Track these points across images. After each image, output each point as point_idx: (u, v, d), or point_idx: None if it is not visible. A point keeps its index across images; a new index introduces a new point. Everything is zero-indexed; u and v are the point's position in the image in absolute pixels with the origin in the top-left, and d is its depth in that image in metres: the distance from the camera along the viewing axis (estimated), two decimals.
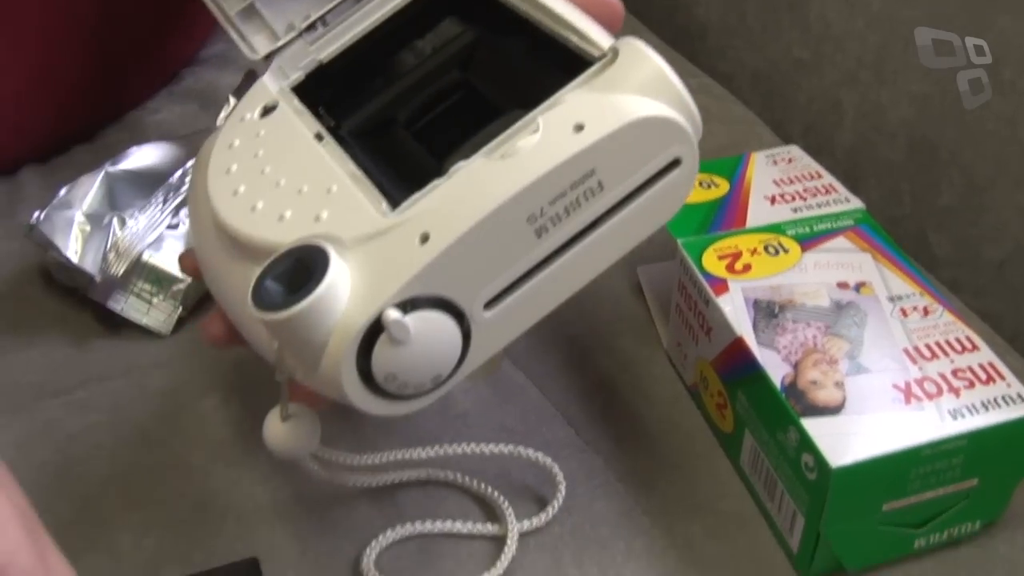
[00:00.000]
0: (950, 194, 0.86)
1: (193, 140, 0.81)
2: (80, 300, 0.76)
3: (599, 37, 0.52)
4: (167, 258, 0.74)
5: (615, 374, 0.73)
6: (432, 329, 0.48)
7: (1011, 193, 0.82)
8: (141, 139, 0.83)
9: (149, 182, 0.77)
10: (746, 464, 0.66)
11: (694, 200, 0.73)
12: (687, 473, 0.68)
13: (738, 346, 0.64)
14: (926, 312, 0.66)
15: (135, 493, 0.65)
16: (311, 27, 0.61)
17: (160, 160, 0.80)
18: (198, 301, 0.76)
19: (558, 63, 0.53)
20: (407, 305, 0.47)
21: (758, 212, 0.72)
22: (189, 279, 0.74)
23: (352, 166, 0.52)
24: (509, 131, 0.50)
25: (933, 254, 0.88)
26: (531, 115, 0.50)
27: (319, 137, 0.54)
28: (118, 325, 0.75)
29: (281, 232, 0.50)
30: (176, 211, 0.76)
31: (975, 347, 0.64)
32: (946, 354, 0.63)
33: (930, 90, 0.86)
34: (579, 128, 0.48)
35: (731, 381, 0.66)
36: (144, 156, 0.80)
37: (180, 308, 0.74)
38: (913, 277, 0.68)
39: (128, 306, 0.74)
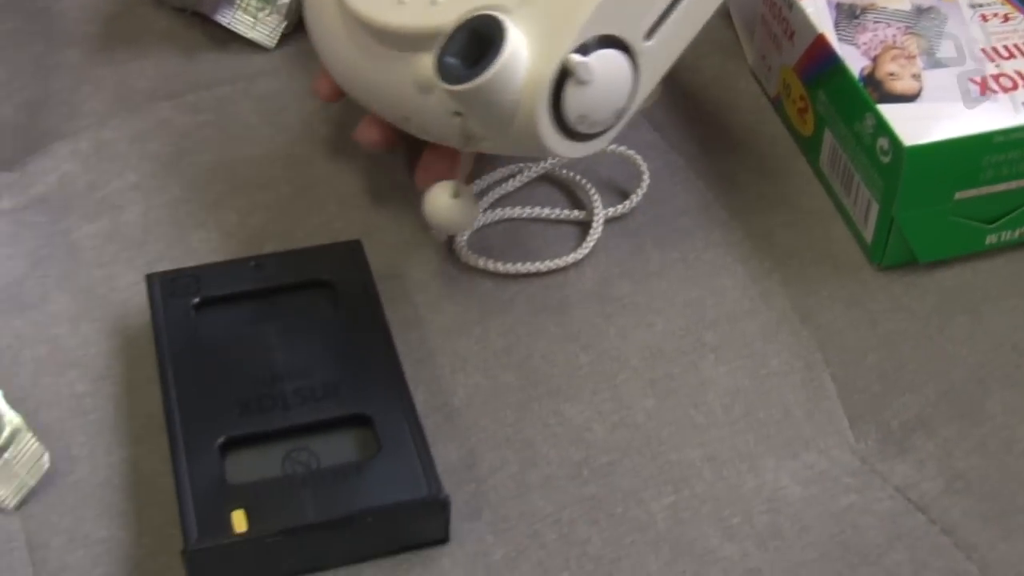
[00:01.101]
0: None
1: None
2: (190, 19, 0.79)
3: None
4: None
5: (700, 88, 0.76)
6: (609, 65, 0.52)
7: None
8: None
9: None
10: (825, 164, 0.68)
11: None
12: (767, 174, 0.70)
13: (819, 43, 0.66)
14: (1006, 19, 0.67)
15: (241, 178, 0.69)
16: None
17: None
18: (302, 14, 0.79)
19: None
20: (583, 49, 0.51)
21: None
22: None
23: None
24: None
25: None
26: None
27: None
28: (225, 39, 0.78)
29: (439, 14, 0.54)
30: None
31: None
32: (1023, 55, 0.65)
33: None
34: None
35: (812, 81, 0.68)
36: None
37: (285, 22, 0.77)
38: None
39: (235, 19, 0.77)
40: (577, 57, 0.51)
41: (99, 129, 0.72)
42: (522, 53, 0.51)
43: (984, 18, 0.67)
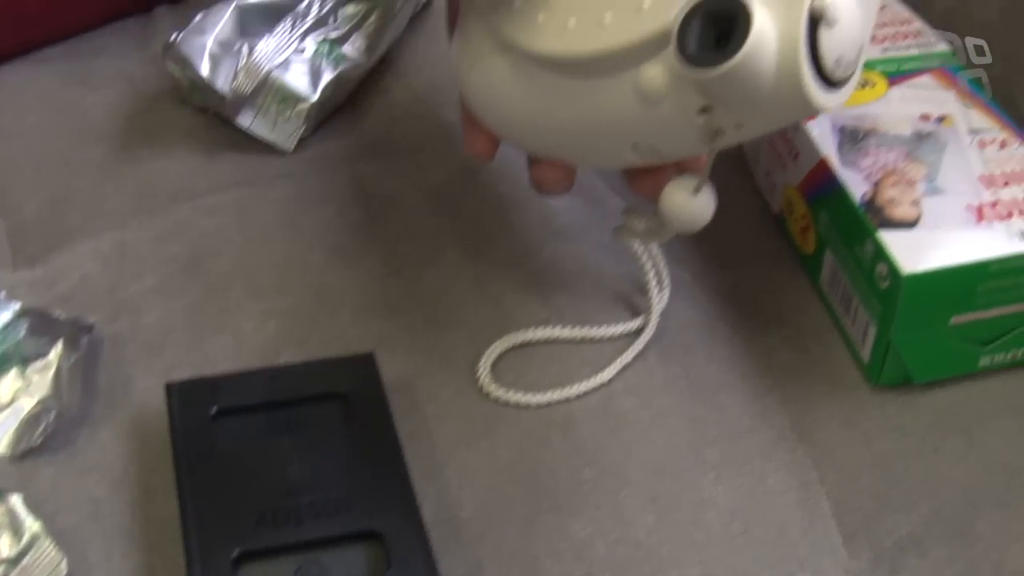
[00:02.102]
0: None
1: None
2: (211, 119, 0.82)
3: None
4: (294, 78, 0.79)
5: None
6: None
7: None
8: None
9: (275, 14, 0.82)
10: (825, 283, 0.70)
11: None
12: (770, 291, 0.72)
13: (822, 167, 0.69)
14: (1003, 145, 0.69)
15: (258, 283, 0.71)
16: None
17: None
18: (320, 121, 0.81)
19: None
20: None
21: None
22: (314, 98, 0.79)
23: None
24: None
25: (1020, 112, 0.91)
26: None
27: None
28: (246, 140, 0.80)
29: (652, 18, 0.52)
30: (303, 37, 0.81)
31: None
32: (1019, 183, 0.67)
33: None
34: None
35: (815, 202, 0.70)
36: None
37: (304, 126, 0.80)
38: (994, 114, 0.71)
39: (256, 123, 0.79)
40: None
41: (121, 229, 0.74)
42: (767, 15, 0.48)
43: (982, 144, 0.69)
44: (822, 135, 0.70)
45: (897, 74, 0.74)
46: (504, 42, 0.59)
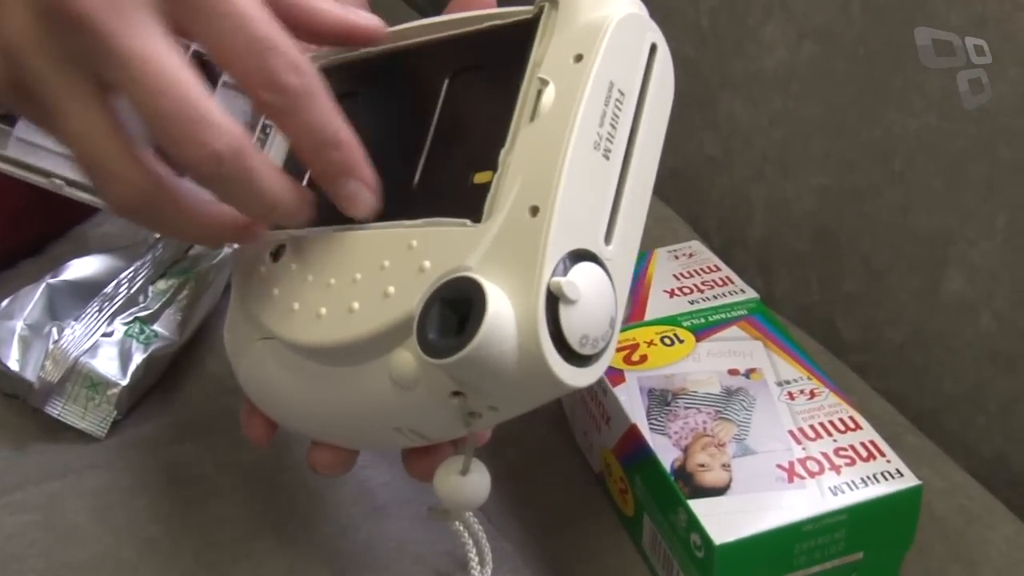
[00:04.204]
0: (853, 281, 0.91)
1: (129, 251, 0.85)
2: (21, 406, 0.79)
3: (515, 9, 0.58)
4: (102, 363, 0.78)
5: (527, 462, 0.77)
6: (589, 277, 0.50)
7: (906, 278, 0.87)
8: (84, 251, 0.87)
9: (87, 292, 0.81)
10: (647, 546, 0.70)
11: None
12: (594, 556, 0.71)
13: (633, 433, 0.68)
14: (812, 395, 0.70)
15: None
16: None
17: (98, 271, 0.84)
18: (132, 405, 0.80)
19: (510, 41, 0.57)
20: (557, 271, 0.49)
21: (657, 305, 0.77)
22: (124, 383, 0.77)
23: (409, 221, 0.55)
24: (519, 106, 0.54)
25: (841, 339, 0.92)
26: (525, 83, 0.54)
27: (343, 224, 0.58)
28: (57, 428, 0.78)
29: (393, 306, 0.53)
30: (111, 319, 0.79)
31: (858, 426, 0.68)
32: (829, 434, 0.67)
33: (829, 182, 0.90)
34: (579, 58, 0.53)
35: (629, 467, 0.70)
36: (83, 267, 0.84)
37: (115, 411, 0.78)
38: (801, 362, 0.72)
39: (65, 411, 0.77)
40: (561, 279, 0.49)
41: None
42: (504, 298, 0.49)
43: (791, 396, 0.70)
44: (631, 399, 0.70)
45: (705, 327, 0.74)
46: (264, 331, 0.60)
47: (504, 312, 0.49)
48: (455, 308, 0.50)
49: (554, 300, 0.49)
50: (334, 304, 0.56)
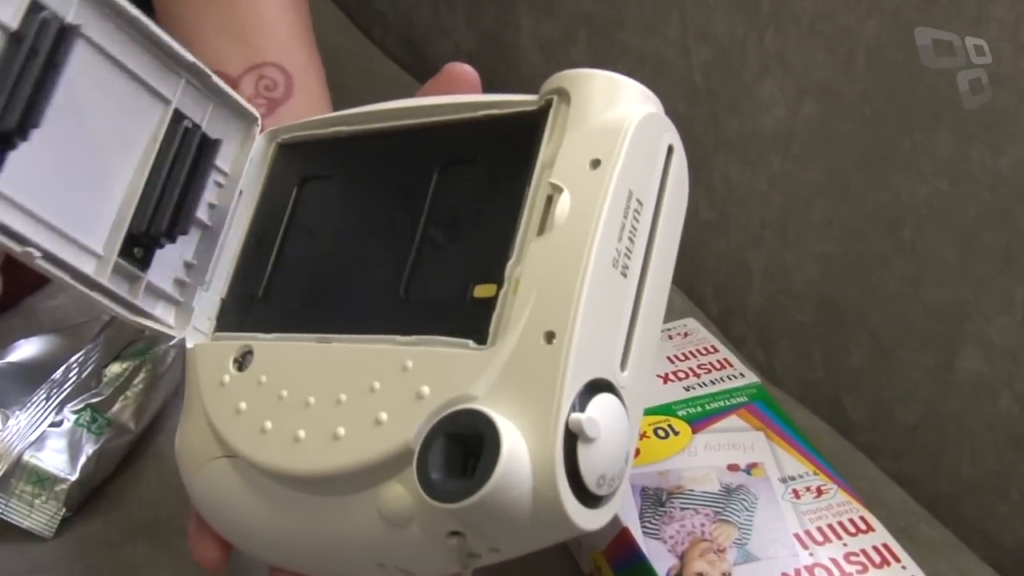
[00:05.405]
0: (860, 356, 0.85)
1: (81, 329, 0.80)
2: None
3: (516, 98, 0.52)
4: (50, 457, 0.72)
5: (514, 562, 0.71)
6: (605, 412, 0.45)
7: (918, 355, 0.81)
8: (34, 326, 0.82)
9: (35, 376, 0.76)
10: None
11: None
12: None
13: (624, 537, 0.63)
14: (819, 492, 0.64)
15: None
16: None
17: (47, 351, 0.78)
18: (83, 501, 0.74)
19: (511, 134, 0.52)
20: (576, 406, 0.44)
21: (650, 392, 0.71)
22: (73, 478, 0.72)
23: (401, 336, 0.50)
24: (526, 211, 0.49)
25: (848, 417, 0.86)
26: (533, 185, 0.49)
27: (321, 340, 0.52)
28: (1, 528, 0.72)
29: (391, 433, 0.47)
30: (60, 407, 0.74)
31: (870, 528, 0.62)
32: (839, 537, 0.62)
33: (833, 250, 0.85)
34: (596, 164, 0.47)
35: (621, 571, 0.64)
36: (31, 348, 0.78)
37: (64, 509, 0.72)
38: (807, 455, 0.66)
39: (9, 509, 0.72)
40: (580, 415, 0.44)
41: None
42: (517, 435, 0.44)
43: (796, 494, 0.64)
44: (623, 500, 0.64)
45: (702, 417, 0.69)
46: (227, 449, 0.53)
47: (519, 452, 0.43)
48: (461, 443, 0.45)
49: (572, 438, 0.44)
50: (315, 428, 0.50)
